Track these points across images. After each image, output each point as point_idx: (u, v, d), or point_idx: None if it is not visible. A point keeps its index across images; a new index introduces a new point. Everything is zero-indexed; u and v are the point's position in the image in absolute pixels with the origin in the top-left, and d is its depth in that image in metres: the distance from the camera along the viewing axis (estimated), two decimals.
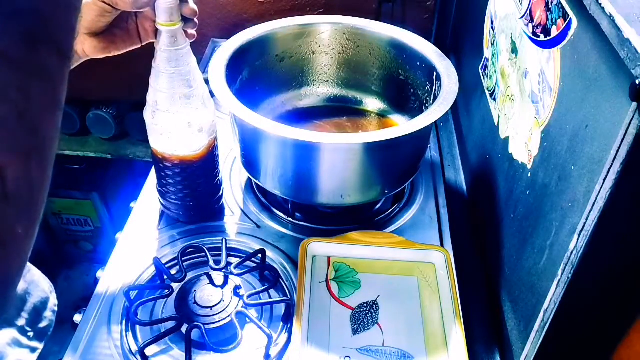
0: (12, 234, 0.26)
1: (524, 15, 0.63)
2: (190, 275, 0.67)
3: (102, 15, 0.58)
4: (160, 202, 0.77)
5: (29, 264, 0.27)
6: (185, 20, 0.61)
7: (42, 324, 0.65)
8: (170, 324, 0.61)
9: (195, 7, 0.60)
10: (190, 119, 0.65)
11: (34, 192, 0.28)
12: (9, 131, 0.26)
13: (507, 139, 0.68)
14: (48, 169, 0.29)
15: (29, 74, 0.28)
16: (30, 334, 0.63)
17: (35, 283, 0.66)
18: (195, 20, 0.61)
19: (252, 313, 0.63)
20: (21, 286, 0.62)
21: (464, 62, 0.98)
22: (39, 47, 0.28)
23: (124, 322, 0.64)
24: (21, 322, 0.62)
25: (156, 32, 0.61)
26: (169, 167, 0.69)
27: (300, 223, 0.78)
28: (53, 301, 0.67)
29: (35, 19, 0.28)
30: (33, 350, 0.63)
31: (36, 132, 0.28)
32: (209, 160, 0.71)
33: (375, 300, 0.66)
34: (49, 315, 0.66)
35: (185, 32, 0.61)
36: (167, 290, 0.65)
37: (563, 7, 0.51)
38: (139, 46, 0.64)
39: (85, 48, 0.62)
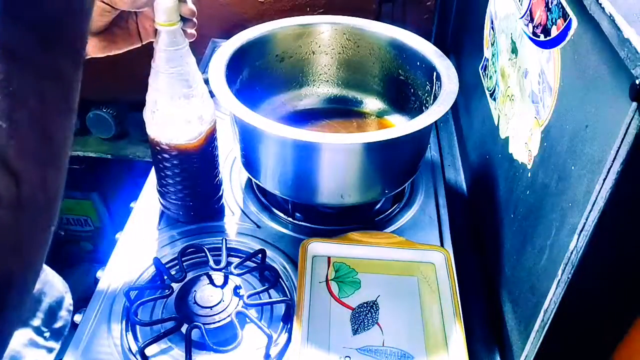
0: (28, 242, 0.26)
1: (524, 15, 0.63)
2: (190, 275, 0.67)
3: (101, 15, 0.58)
4: (160, 202, 0.77)
5: (44, 265, 0.27)
6: (184, 20, 0.61)
7: (58, 324, 0.64)
8: (170, 324, 0.61)
9: (194, 7, 0.60)
10: (189, 119, 0.65)
11: (49, 199, 0.27)
12: (24, 137, 0.25)
13: (507, 139, 0.68)
14: (62, 175, 0.29)
15: (44, 78, 0.27)
16: (47, 334, 0.62)
17: (50, 283, 0.65)
18: (194, 20, 0.61)
19: (252, 313, 0.63)
20: (36, 286, 0.62)
21: (464, 62, 0.98)
22: (54, 51, 0.28)
23: (124, 322, 0.64)
24: (37, 322, 0.62)
25: (156, 31, 0.61)
26: (167, 159, 0.69)
27: (300, 223, 0.78)
28: (68, 301, 0.66)
29: (51, 25, 0.28)
30: (50, 350, 0.62)
31: (51, 138, 0.27)
32: (207, 152, 0.71)
33: (375, 300, 0.66)
34: (64, 315, 0.65)
35: (185, 31, 0.62)
36: (167, 290, 0.65)
37: (563, 7, 0.51)
38: (139, 45, 0.64)
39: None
